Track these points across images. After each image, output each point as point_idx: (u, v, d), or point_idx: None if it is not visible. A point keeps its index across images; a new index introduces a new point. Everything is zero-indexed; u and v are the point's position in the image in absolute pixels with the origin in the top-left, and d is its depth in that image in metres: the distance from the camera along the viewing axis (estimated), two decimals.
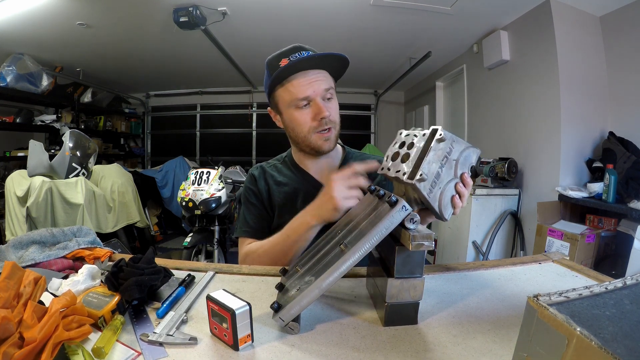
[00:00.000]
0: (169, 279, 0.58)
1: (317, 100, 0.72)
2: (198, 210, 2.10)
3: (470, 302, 0.54)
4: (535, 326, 0.34)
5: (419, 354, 0.41)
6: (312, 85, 0.72)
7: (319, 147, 0.77)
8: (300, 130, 0.76)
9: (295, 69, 0.71)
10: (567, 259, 0.73)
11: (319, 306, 0.52)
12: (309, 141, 0.76)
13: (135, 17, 2.37)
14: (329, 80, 0.75)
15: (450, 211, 0.51)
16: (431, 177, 0.47)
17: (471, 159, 0.50)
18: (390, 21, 2.46)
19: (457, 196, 0.51)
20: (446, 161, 0.48)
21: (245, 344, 0.41)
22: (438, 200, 0.48)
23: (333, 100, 0.76)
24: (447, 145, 0.48)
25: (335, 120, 0.76)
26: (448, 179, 0.49)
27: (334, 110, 0.75)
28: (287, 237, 0.69)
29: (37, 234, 0.69)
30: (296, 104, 0.73)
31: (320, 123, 0.73)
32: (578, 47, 2.05)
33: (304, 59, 0.70)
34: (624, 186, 1.73)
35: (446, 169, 0.48)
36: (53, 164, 2.16)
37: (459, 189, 0.51)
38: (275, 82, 0.73)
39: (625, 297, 0.37)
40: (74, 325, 0.39)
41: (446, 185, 0.49)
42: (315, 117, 0.73)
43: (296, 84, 0.72)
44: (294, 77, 0.72)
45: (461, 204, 0.52)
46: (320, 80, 0.72)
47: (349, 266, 0.41)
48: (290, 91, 0.73)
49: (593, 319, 0.32)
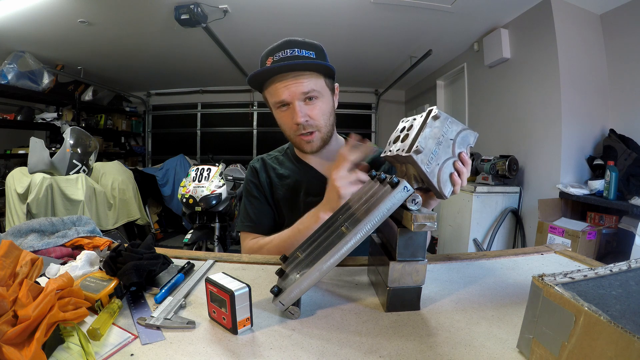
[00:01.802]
0: (168, 266, 0.57)
1: (295, 104, 0.70)
2: (198, 206, 2.09)
3: (473, 290, 0.53)
4: (541, 306, 0.33)
5: (422, 338, 0.40)
6: (289, 88, 0.69)
7: (302, 149, 0.77)
8: (285, 129, 0.76)
9: (269, 74, 0.70)
10: (570, 249, 0.72)
11: (320, 292, 0.52)
12: (294, 141, 0.77)
13: (137, 14, 2.37)
14: (312, 82, 0.71)
15: (449, 188, 0.51)
16: (428, 152, 0.48)
17: (469, 139, 0.51)
18: (391, 19, 2.46)
19: (456, 174, 0.51)
20: (443, 139, 0.49)
21: (244, 328, 0.40)
22: (437, 176, 0.49)
23: (317, 100, 0.72)
24: (443, 124, 0.49)
25: (318, 124, 0.73)
26: (446, 157, 0.50)
27: (317, 113, 0.73)
28: (298, 231, 0.68)
29: (36, 222, 0.68)
30: (276, 106, 0.73)
31: (297, 127, 0.72)
32: (578, 45, 2.05)
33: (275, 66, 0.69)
34: (625, 183, 1.72)
35: (444, 147, 0.49)
36: (54, 161, 2.16)
37: (457, 166, 0.51)
38: (253, 85, 0.74)
39: (630, 278, 0.37)
40: (70, 307, 0.39)
41: (444, 163, 0.50)
42: (293, 121, 0.72)
43: (273, 87, 0.71)
44: (273, 80, 0.71)
45: (460, 181, 0.52)
46: (299, 83, 0.69)
47: (350, 247, 0.41)
48: (271, 94, 0.73)
49: (599, 298, 0.32)
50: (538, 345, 0.34)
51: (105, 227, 2.35)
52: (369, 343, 0.39)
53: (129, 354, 0.36)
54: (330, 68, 0.73)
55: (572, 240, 1.77)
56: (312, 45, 0.74)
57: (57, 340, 0.36)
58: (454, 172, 0.51)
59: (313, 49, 0.73)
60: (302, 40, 0.74)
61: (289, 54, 0.70)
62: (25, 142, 2.66)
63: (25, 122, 3.32)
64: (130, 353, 0.36)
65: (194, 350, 0.37)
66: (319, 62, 0.71)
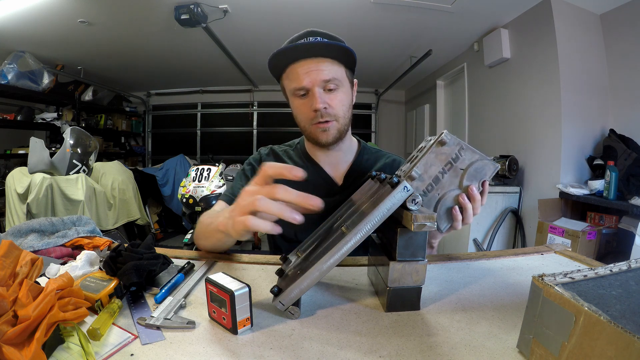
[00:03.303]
0: (168, 266, 0.57)
1: (315, 91, 0.68)
2: (198, 206, 2.10)
3: (473, 290, 0.53)
4: (541, 306, 0.33)
5: (422, 338, 0.40)
6: (310, 74, 0.68)
7: (317, 139, 0.74)
8: (301, 120, 0.74)
9: (294, 52, 0.67)
10: (570, 249, 0.72)
11: (320, 293, 0.52)
12: (309, 131, 0.74)
13: (137, 14, 2.37)
14: (333, 70, 0.69)
15: (445, 224, 0.47)
16: (427, 180, 0.44)
17: (484, 172, 0.46)
18: (391, 19, 2.46)
19: (457, 209, 0.47)
20: (450, 168, 0.45)
21: (244, 328, 0.40)
22: (433, 207, 0.45)
23: (338, 91, 0.71)
24: (452, 150, 0.45)
25: (336, 113, 0.71)
26: (450, 187, 0.46)
27: (337, 102, 0.71)
28: (210, 225, 0.62)
29: (36, 222, 0.68)
30: (295, 93, 0.71)
31: (315, 115, 0.70)
32: (578, 45, 2.05)
33: (300, 46, 0.66)
34: (625, 183, 1.73)
35: (449, 177, 0.45)
36: (54, 161, 2.16)
37: (460, 200, 0.46)
38: (273, 69, 0.72)
39: (630, 279, 0.37)
40: (70, 307, 0.39)
41: (447, 194, 0.46)
42: (311, 108, 0.70)
43: (294, 73, 0.69)
44: (294, 66, 0.69)
45: (461, 217, 0.47)
46: (320, 70, 0.68)
47: (350, 248, 0.41)
48: (290, 79, 0.71)
49: (599, 298, 0.32)
50: (538, 345, 0.34)
51: (105, 227, 2.35)
52: (369, 343, 0.39)
53: (129, 354, 0.36)
54: (352, 56, 0.70)
55: (572, 240, 1.77)
56: (334, 37, 0.72)
57: (57, 340, 0.36)
58: (455, 207, 0.46)
59: (334, 39, 0.72)
60: (325, 32, 0.72)
61: (302, 43, 0.68)
62: (25, 142, 2.66)
63: (25, 122, 3.32)
64: (130, 353, 0.36)
65: (194, 350, 0.37)
66: (344, 46, 0.68)
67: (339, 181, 0.81)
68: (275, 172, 0.44)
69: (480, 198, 0.49)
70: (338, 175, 0.81)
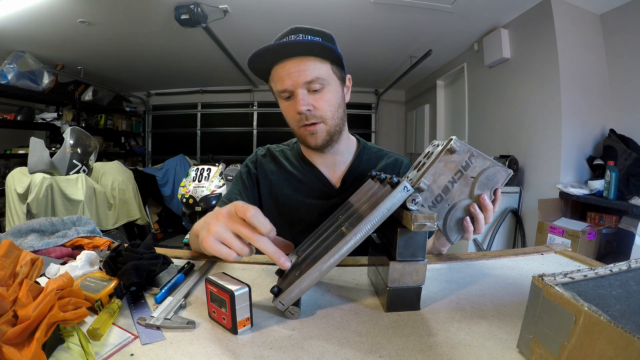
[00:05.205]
0: (168, 266, 0.57)
1: (297, 93, 0.65)
2: (198, 206, 2.10)
3: (473, 290, 0.53)
4: (541, 306, 0.33)
5: (422, 338, 0.40)
6: (291, 76, 0.64)
7: (306, 142, 0.71)
8: (289, 122, 0.72)
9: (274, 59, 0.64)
10: (570, 249, 0.72)
11: (320, 293, 0.52)
12: (298, 134, 0.72)
13: (137, 14, 2.37)
14: (317, 69, 0.65)
15: (456, 236, 0.45)
16: (436, 190, 0.43)
17: (496, 179, 0.44)
18: (391, 19, 2.46)
19: (468, 219, 0.45)
20: (460, 176, 0.43)
21: (244, 328, 0.40)
22: (443, 218, 0.44)
23: (323, 91, 0.67)
24: (462, 158, 0.43)
25: (322, 114, 0.67)
26: (461, 197, 0.44)
27: (322, 103, 0.67)
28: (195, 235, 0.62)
29: (36, 222, 0.68)
30: (281, 95, 0.68)
31: (300, 117, 0.67)
32: (578, 45, 2.05)
33: (280, 47, 0.63)
34: (625, 183, 1.73)
35: (459, 186, 0.44)
36: (54, 161, 2.16)
37: (472, 211, 0.44)
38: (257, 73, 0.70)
39: (630, 279, 0.37)
40: (70, 307, 0.39)
41: (457, 204, 0.44)
42: (295, 110, 0.67)
43: (277, 75, 0.66)
44: (276, 68, 0.66)
45: (472, 228, 0.45)
46: (301, 70, 0.64)
47: (350, 248, 0.41)
48: (274, 81, 0.68)
49: (599, 298, 0.32)
50: (538, 345, 0.34)
51: (105, 227, 2.35)
52: (369, 343, 0.39)
53: (129, 354, 0.36)
54: (335, 52, 0.65)
55: (572, 240, 1.77)
56: (319, 32, 0.68)
57: (57, 340, 0.36)
58: (466, 218, 0.44)
59: (320, 35, 0.68)
60: (309, 27, 0.68)
61: (292, 39, 0.65)
62: (25, 142, 2.66)
63: (25, 122, 3.32)
64: (130, 353, 0.36)
65: (194, 350, 0.37)
66: (322, 43, 0.63)
67: (337, 183, 0.78)
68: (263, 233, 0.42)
69: (492, 207, 0.47)
70: (335, 177, 0.79)
